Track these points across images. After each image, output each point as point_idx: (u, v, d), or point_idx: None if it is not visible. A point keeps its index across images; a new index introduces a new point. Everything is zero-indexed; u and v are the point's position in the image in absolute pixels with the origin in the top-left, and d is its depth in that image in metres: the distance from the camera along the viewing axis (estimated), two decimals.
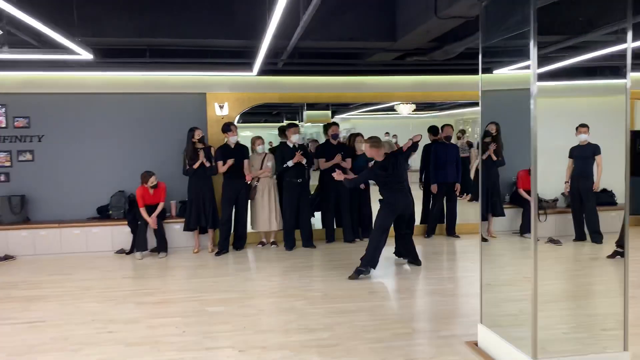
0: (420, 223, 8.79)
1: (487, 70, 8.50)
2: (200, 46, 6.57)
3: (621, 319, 3.63)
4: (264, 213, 7.83)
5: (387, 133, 15.28)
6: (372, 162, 7.98)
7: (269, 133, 14.39)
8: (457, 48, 6.41)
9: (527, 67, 3.40)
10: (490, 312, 4.23)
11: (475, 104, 10.93)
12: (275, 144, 11.25)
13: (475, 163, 11.23)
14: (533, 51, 3.35)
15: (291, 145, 7.77)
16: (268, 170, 7.84)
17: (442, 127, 8.45)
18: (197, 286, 6.10)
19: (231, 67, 7.30)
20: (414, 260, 6.82)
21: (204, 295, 5.73)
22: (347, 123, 17.17)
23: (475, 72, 8.40)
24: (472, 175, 11.25)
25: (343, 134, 12.24)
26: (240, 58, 6.98)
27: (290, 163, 7.65)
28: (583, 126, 7.68)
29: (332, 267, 6.87)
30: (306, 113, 13.14)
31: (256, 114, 15.49)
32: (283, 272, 6.62)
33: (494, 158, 8.00)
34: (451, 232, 8.65)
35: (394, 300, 5.49)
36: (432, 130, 8.68)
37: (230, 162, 7.58)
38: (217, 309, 5.27)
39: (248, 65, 7.07)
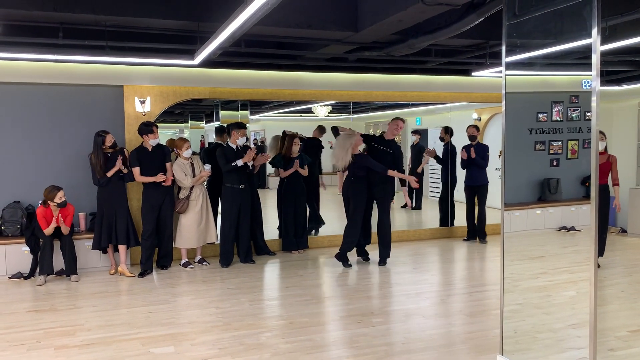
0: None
1: (464, 72, 8.29)
2: (129, 26, 5.43)
3: None
4: (199, 226, 6.77)
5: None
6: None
7: (166, 134, 13.20)
8: (423, 42, 5.86)
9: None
10: (511, 341, 3.68)
11: (407, 105, 10.77)
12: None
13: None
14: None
15: (234, 147, 6.81)
16: (208, 173, 6.79)
17: (467, 128, 8.43)
18: (129, 319, 4.98)
19: (163, 54, 6.17)
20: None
21: (142, 331, 4.64)
22: (257, 124, 16.34)
23: (418, 72, 8.24)
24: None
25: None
26: (176, 43, 5.92)
27: (239, 162, 6.68)
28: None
29: (283, 287, 6.03)
30: (221, 113, 12.14)
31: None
32: (229, 296, 5.66)
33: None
34: (481, 236, 8.47)
35: (372, 325, 4.76)
36: (449, 131, 8.89)
37: (161, 178, 6.50)
38: (164, 349, 4.25)
39: (186, 53, 6.01)
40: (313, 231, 8.25)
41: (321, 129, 8.68)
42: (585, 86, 9.08)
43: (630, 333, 4.46)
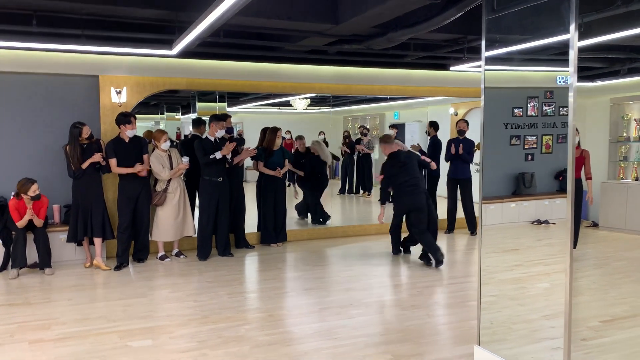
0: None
1: (442, 66, 8.33)
2: (105, 15, 5.33)
3: None
4: (176, 219, 6.71)
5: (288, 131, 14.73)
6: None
7: (142, 125, 13.07)
8: (402, 36, 5.88)
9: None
10: (488, 332, 3.74)
11: (385, 99, 10.82)
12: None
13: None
14: None
15: (212, 139, 6.75)
16: (186, 165, 6.72)
17: (457, 122, 8.58)
18: (106, 312, 4.92)
19: (141, 44, 6.07)
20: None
21: (120, 325, 4.59)
22: (235, 117, 16.23)
23: (397, 66, 8.26)
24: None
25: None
26: (154, 33, 5.84)
27: (218, 155, 6.63)
28: None
29: (262, 280, 6.03)
30: (198, 105, 12.02)
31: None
32: (207, 289, 5.63)
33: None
34: (471, 228, 8.55)
35: (351, 317, 4.79)
36: (434, 125, 8.85)
37: (139, 168, 6.43)
38: (142, 342, 4.21)
39: (163, 43, 5.93)
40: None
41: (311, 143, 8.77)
42: (560, 82, 9.24)
43: (602, 323, 4.57)
